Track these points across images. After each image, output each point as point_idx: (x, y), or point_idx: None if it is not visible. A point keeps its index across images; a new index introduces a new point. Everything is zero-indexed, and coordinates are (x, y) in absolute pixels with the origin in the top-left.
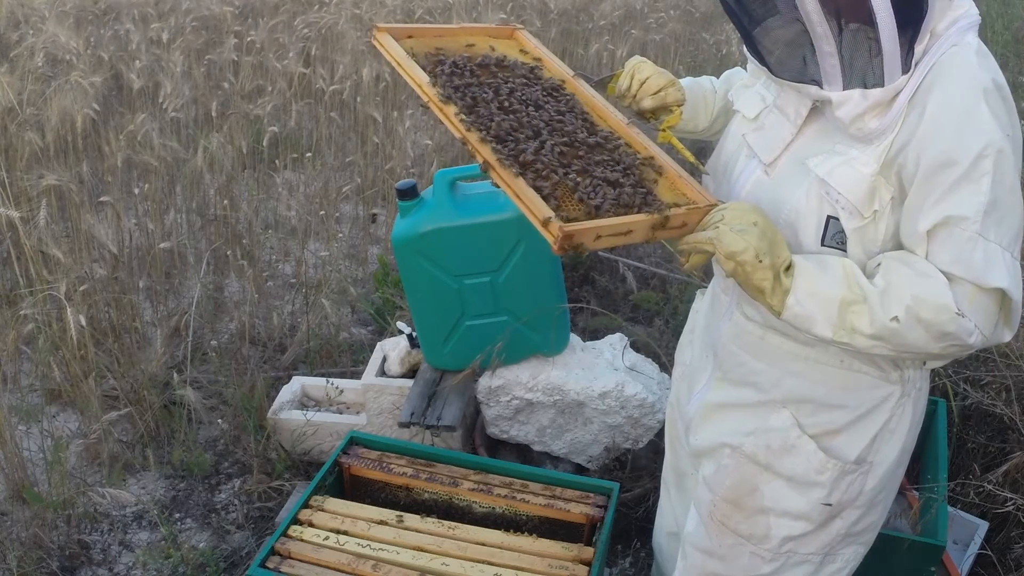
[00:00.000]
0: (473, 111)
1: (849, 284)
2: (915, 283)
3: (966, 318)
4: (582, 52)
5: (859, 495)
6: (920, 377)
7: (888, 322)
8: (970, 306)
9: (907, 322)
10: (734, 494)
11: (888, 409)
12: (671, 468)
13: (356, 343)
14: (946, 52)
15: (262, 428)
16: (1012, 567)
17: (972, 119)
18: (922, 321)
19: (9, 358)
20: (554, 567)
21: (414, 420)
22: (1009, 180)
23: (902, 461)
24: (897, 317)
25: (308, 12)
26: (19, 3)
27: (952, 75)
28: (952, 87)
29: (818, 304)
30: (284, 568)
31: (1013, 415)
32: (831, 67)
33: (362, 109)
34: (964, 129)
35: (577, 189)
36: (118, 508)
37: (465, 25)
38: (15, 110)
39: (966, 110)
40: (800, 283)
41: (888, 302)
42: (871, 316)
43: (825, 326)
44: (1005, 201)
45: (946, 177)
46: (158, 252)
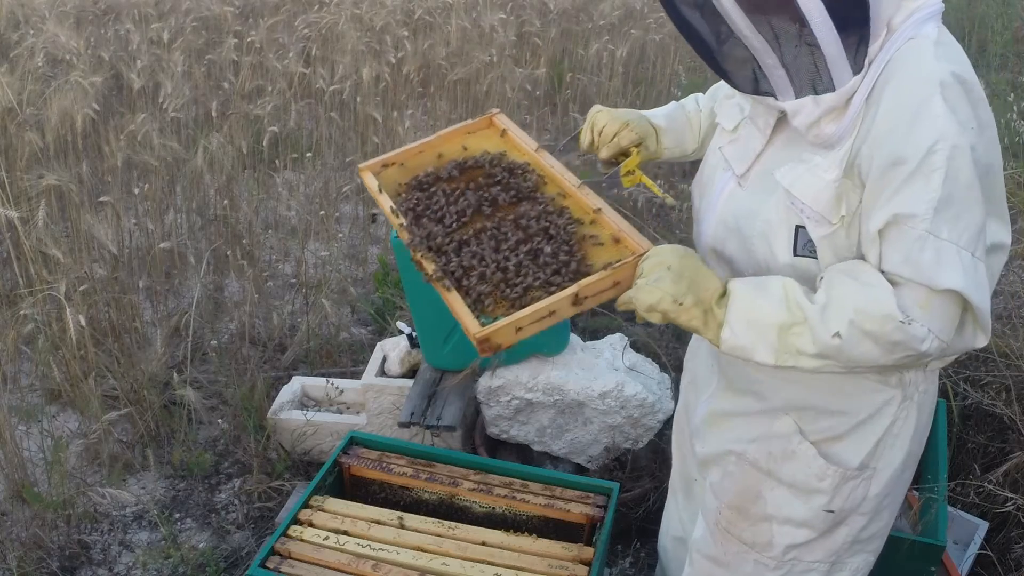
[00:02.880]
0: (419, 225)
1: (788, 305)
2: (858, 294)
3: (915, 324)
4: (582, 52)
5: (863, 501)
6: (924, 379)
7: (830, 339)
8: (922, 311)
9: (851, 337)
10: (739, 501)
11: (890, 413)
12: (679, 474)
13: (356, 343)
14: (902, 47)
15: (262, 428)
16: (1012, 567)
17: (923, 114)
18: (868, 334)
19: (9, 358)
20: (554, 567)
21: (414, 420)
22: (965, 176)
23: (908, 466)
24: (839, 333)
25: (308, 12)
26: (19, 3)
27: (906, 70)
28: (905, 82)
29: (756, 332)
30: (284, 568)
31: (1013, 415)
32: (779, 78)
33: (362, 109)
34: (915, 125)
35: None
36: (118, 508)
37: (443, 132)
38: (15, 110)
39: (918, 105)
40: (734, 313)
41: (829, 318)
42: (813, 335)
43: (766, 353)
44: (961, 198)
45: (897, 175)
46: (158, 252)
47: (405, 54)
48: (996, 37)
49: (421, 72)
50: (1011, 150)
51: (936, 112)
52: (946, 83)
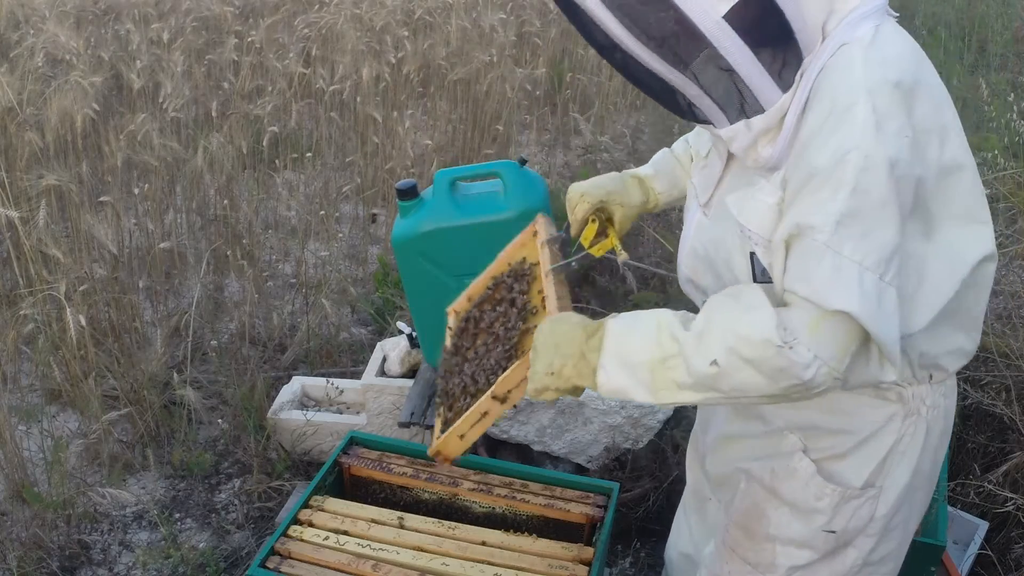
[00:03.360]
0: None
1: (660, 339)
2: (738, 319)
3: (798, 348)
4: (582, 52)
5: (870, 522)
6: (931, 393)
7: (707, 368)
8: (810, 334)
9: (730, 364)
10: (744, 519)
11: (895, 430)
12: (693, 493)
13: (356, 343)
14: (835, 54)
15: (262, 428)
16: (1012, 567)
17: (842, 124)
18: (748, 360)
19: (9, 358)
20: (554, 567)
21: (414, 420)
22: (879, 192)
23: (919, 485)
24: (716, 361)
25: (308, 12)
26: (19, 3)
27: (831, 81)
28: (829, 94)
29: (629, 371)
30: (284, 568)
31: (1013, 415)
32: (708, 107)
33: (362, 109)
34: (832, 135)
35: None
36: (118, 508)
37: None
38: (15, 110)
39: (839, 115)
40: (607, 355)
41: (705, 346)
42: (688, 366)
43: (642, 392)
44: (871, 215)
45: (808, 184)
46: (158, 252)
47: (405, 54)
48: (996, 37)
49: (421, 72)
50: (1011, 150)
51: (855, 121)
52: (874, 90)
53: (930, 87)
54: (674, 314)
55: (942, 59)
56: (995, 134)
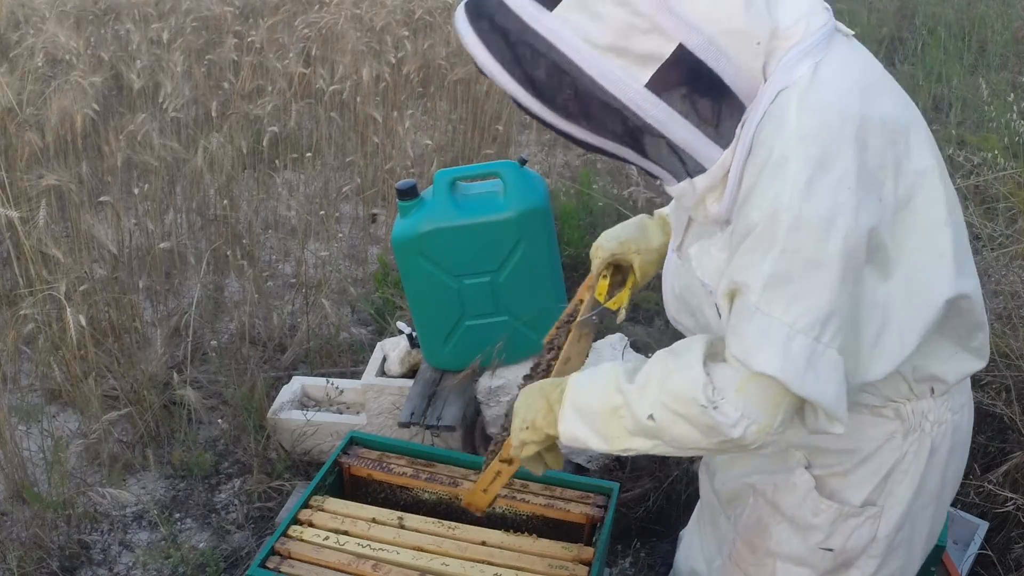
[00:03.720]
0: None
1: (610, 391)
2: (671, 375)
3: (723, 407)
4: None
5: (871, 543)
6: (934, 408)
7: (645, 420)
8: (738, 393)
9: (664, 419)
10: (749, 534)
11: (895, 448)
12: (707, 505)
13: (356, 343)
14: (774, 99)
15: (262, 428)
16: (1012, 567)
17: (774, 179)
18: (680, 416)
19: (9, 358)
20: (554, 567)
21: (414, 420)
22: (811, 252)
23: (926, 503)
24: (652, 415)
25: (308, 12)
26: (19, 3)
27: (768, 130)
28: (766, 145)
29: (586, 420)
30: (284, 568)
31: (1013, 415)
32: (655, 171)
33: (362, 109)
34: (765, 191)
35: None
36: (118, 508)
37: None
38: (15, 110)
39: (772, 170)
40: (567, 406)
41: (643, 400)
42: (632, 417)
43: (597, 439)
44: (802, 276)
45: (745, 243)
46: (158, 252)
47: (405, 54)
48: (996, 37)
49: (421, 72)
50: (1011, 150)
51: (786, 177)
52: (808, 140)
53: (880, 119)
54: (625, 367)
55: (942, 59)
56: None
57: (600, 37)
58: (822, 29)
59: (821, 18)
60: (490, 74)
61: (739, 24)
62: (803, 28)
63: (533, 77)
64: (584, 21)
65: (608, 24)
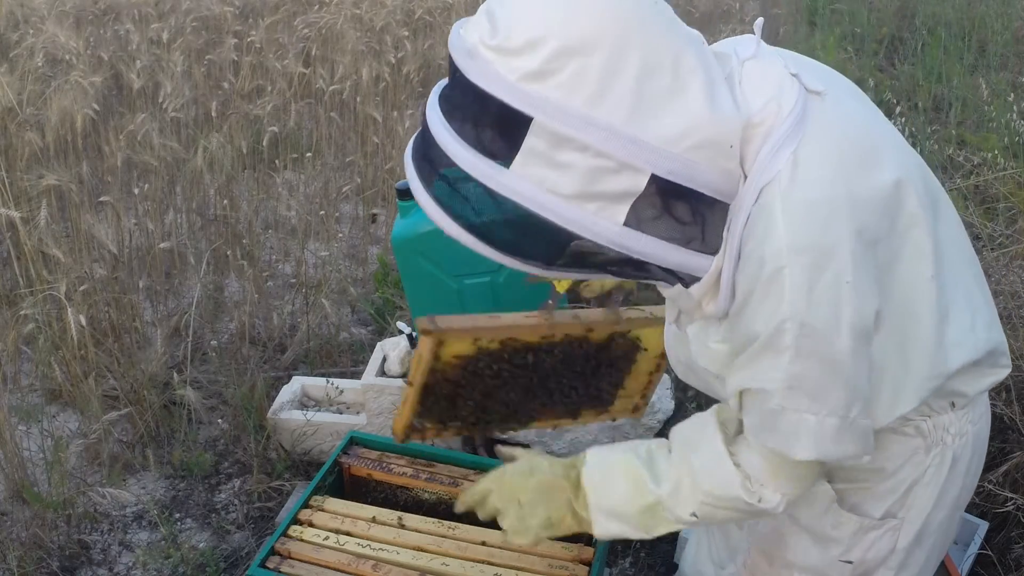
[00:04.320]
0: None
1: (637, 493)
2: (704, 476)
3: (767, 497)
4: None
5: (891, 554)
6: (956, 420)
7: (688, 517)
8: (774, 479)
9: (708, 513)
10: (765, 544)
11: (918, 463)
12: None
13: (356, 343)
14: (757, 198)
15: (262, 428)
16: (1012, 567)
17: (771, 290)
18: (722, 508)
19: (9, 358)
20: (554, 567)
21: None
22: (825, 352)
23: (944, 513)
24: (695, 513)
25: (308, 12)
26: (19, 3)
27: (756, 237)
28: (757, 253)
29: (621, 519)
30: (284, 568)
31: (1013, 415)
32: (657, 283)
33: (362, 109)
34: (763, 302)
35: None
36: (118, 508)
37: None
38: (15, 110)
39: (767, 281)
40: (593, 511)
41: (681, 503)
42: (674, 514)
43: (639, 532)
44: (820, 374)
45: (750, 348)
46: (158, 252)
47: (405, 54)
48: (996, 37)
49: (421, 72)
50: (1011, 150)
51: (784, 287)
52: (799, 248)
53: (869, 194)
54: (641, 463)
55: (942, 59)
56: (995, 134)
57: (567, 186)
58: (794, 112)
59: (791, 96)
60: (458, 239)
61: (708, 133)
62: (774, 111)
63: (504, 239)
64: (546, 173)
65: (573, 172)
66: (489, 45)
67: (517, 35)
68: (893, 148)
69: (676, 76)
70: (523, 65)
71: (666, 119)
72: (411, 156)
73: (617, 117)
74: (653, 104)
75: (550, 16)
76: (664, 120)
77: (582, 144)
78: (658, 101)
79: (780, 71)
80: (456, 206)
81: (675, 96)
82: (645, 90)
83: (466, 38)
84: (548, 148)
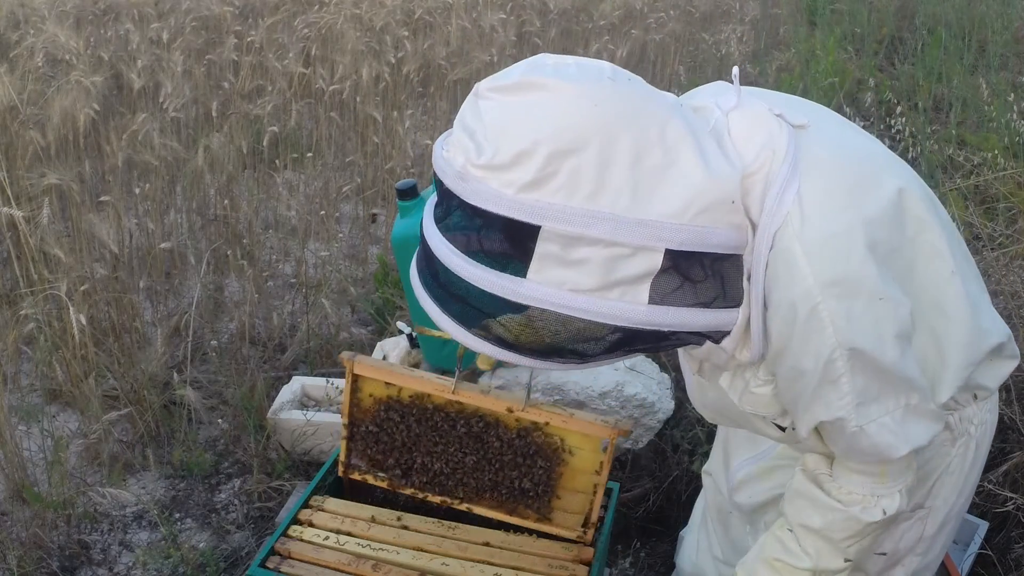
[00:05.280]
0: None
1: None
2: (831, 530)
3: (889, 507)
4: (582, 52)
5: (919, 542)
6: (979, 411)
7: (844, 564)
8: (882, 480)
9: (856, 551)
10: None
11: (946, 455)
12: (714, 506)
13: (356, 343)
14: (773, 245)
15: (262, 428)
16: (1012, 567)
17: (811, 330)
18: (865, 538)
19: (9, 358)
20: (554, 567)
21: None
22: (876, 363)
23: (965, 498)
24: (846, 558)
25: (308, 12)
26: (19, 3)
27: (782, 283)
28: (786, 299)
29: None
30: (284, 568)
31: (1013, 415)
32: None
33: (362, 109)
34: (806, 343)
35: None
36: (118, 508)
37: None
38: (17, 109)
39: (805, 322)
40: None
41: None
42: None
43: None
44: (879, 383)
45: (804, 386)
46: (158, 252)
47: (405, 54)
48: (996, 37)
49: (421, 72)
50: (1011, 150)
51: (824, 323)
52: (828, 284)
53: (878, 212)
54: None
55: (942, 59)
56: (995, 134)
57: (587, 281)
58: (789, 154)
59: (783, 140)
60: (487, 352)
61: (710, 196)
62: (769, 157)
63: (536, 347)
64: (564, 273)
65: (591, 266)
66: (478, 164)
67: (505, 149)
68: (885, 161)
69: (666, 150)
70: (518, 177)
71: (666, 194)
72: (421, 284)
73: (620, 205)
74: (651, 183)
75: (532, 124)
76: (665, 195)
77: (593, 239)
78: (655, 179)
79: (766, 116)
80: (477, 323)
81: (670, 169)
82: (640, 172)
83: (453, 161)
84: (561, 250)
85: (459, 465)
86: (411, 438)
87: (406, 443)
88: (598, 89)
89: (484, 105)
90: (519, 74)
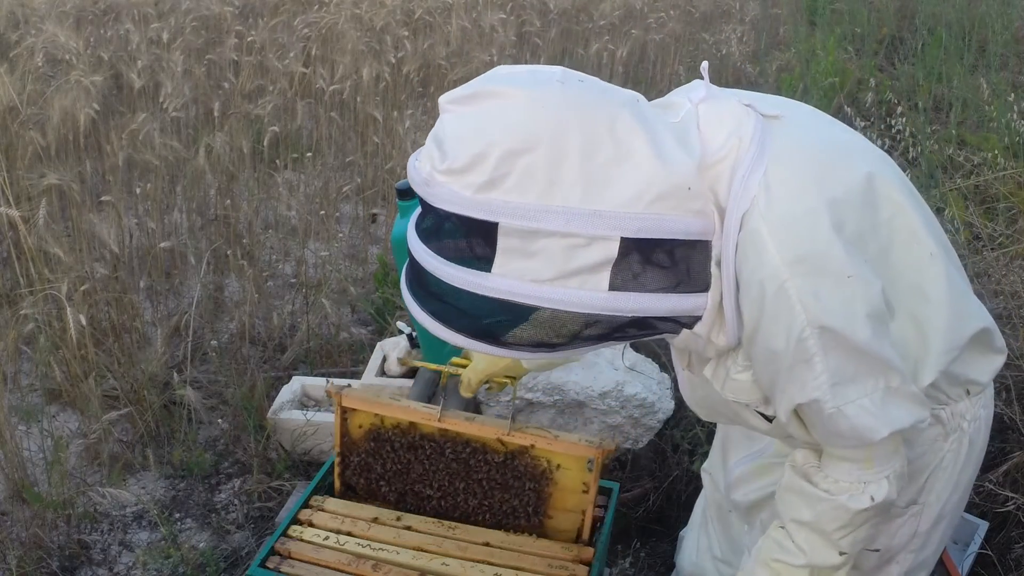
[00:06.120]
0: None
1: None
2: (820, 521)
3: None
4: (582, 52)
5: (913, 538)
6: (972, 406)
7: (840, 559)
8: (870, 469)
9: (849, 542)
10: None
11: (939, 450)
12: (713, 505)
13: (356, 343)
14: (741, 227)
15: (262, 428)
16: (1012, 567)
17: (780, 309)
18: (857, 528)
19: (9, 358)
20: (554, 567)
21: None
22: (846, 346)
23: (960, 494)
24: (841, 552)
25: (308, 12)
26: (19, 3)
27: (751, 265)
28: (756, 280)
29: None
30: (284, 568)
31: (1013, 415)
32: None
33: (362, 109)
34: (775, 322)
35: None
36: (118, 508)
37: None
38: (16, 109)
39: (773, 301)
40: None
41: (824, 555)
42: (827, 565)
43: None
44: (853, 364)
45: (779, 367)
46: (158, 252)
47: (405, 54)
48: (996, 37)
49: (421, 72)
50: (1011, 150)
51: (791, 301)
52: (794, 261)
53: (843, 193)
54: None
55: (942, 59)
56: (995, 134)
57: (546, 271)
58: (755, 139)
59: (750, 126)
60: (467, 346)
61: (664, 185)
62: (735, 144)
63: (506, 337)
64: (524, 264)
65: (548, 256)
66: (440, 170)
67: (462, 154)
68: (857, 148)
69: (617, 143)
70: (475, 179)
71: (620, 185)
72: (406, 286)
73: (573, 199)
74: (603, 176)
75: (485, 129)
76: (618, 186)
77: (549, 232)
78: (607, 172)
79: (734, 105)
80: (459, 320)
81: (621, 161)
82: (592, 166)
83: (421, 169)
84: (521, 243)
85: (450, 490)
86: (402, 466)
87: (398, 471)
88: (547, 92)
89: (445, 117)
90: (475, 85)
